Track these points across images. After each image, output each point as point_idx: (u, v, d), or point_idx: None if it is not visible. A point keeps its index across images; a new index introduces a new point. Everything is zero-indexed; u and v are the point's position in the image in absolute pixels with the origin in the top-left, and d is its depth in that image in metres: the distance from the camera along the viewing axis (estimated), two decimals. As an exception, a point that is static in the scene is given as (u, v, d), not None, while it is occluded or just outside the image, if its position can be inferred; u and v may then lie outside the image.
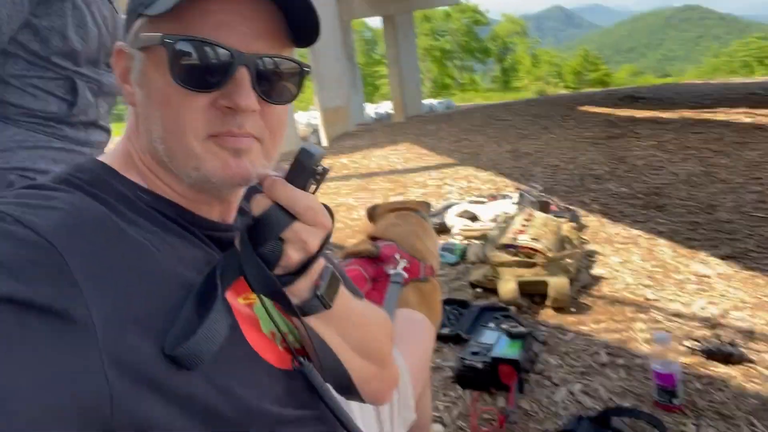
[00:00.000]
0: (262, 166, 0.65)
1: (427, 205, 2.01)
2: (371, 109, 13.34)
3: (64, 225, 0.51)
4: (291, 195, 0.60)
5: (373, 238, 1.67)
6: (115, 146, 0.70)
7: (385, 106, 13.45)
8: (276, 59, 0.64)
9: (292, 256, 0.62)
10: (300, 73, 0.68)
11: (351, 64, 10.34)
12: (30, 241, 0.48)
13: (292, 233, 0.61)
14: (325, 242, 0.64)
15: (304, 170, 0.62)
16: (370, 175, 5.19)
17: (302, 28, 0.65)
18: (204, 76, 0.60)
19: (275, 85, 0.64)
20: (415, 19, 11.40)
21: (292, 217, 0.60)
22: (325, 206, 0.64)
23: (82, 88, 1.48)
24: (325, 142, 7.67)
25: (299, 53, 0.72)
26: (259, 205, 0.61)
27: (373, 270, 1.51)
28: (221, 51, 0.59)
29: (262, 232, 0.60)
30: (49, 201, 0.54)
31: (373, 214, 1.91)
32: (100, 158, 0.67)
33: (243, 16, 0.61)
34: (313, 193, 0.63)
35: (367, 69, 36.79)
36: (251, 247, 0.61)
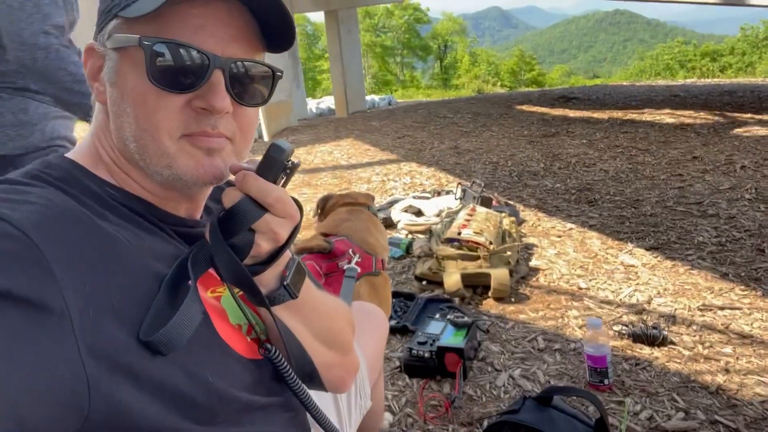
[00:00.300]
0: (226, 161, 0.67)
1: (372, 197, 2.06)
2: (313, 104, 13.24)
3: (40, 218, 0.52)
4: (262, 187, 0.62)
5: (325, 234, 1.70)
6: (81, 143, 0.70)
7: (327, 102, 13.39)
8: (250, 63, 0.67)
9: (262, 246, 0.64)
10: (272, 77, 0.70)
11: (293, 58, 10.23)
12: (7, 234, 0.49)
13: (263, 224, 0.63)
14: (294, 233, 0.67)
15: (275, 164, 0.64)
16: (314, 170, 5.19)
17: (277, 34, 0.68)
18: (180, 77, 0.62)
19: (248, 88, 0.67)
20: (357, 15, 11.39)
21: (263, 208, 0.63)
22: (294, 199, 0.67)
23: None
24: (266, 137, 7.57)
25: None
26: (231, 198, 0.63)
27: (326, 265, 1.54)
28: (198, 54, 0.61)
29: (234, 222, 0.62)
30: (23, 195, 0.55)
31: (323, 206, 1.94)
32: (68, 155, 0.67)
33: (220, 20, 0.63)
34: (283, 186, 0.66)
35: (308, 64, 36.45)
36: (222, 237, 0.63)
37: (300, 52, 13.63)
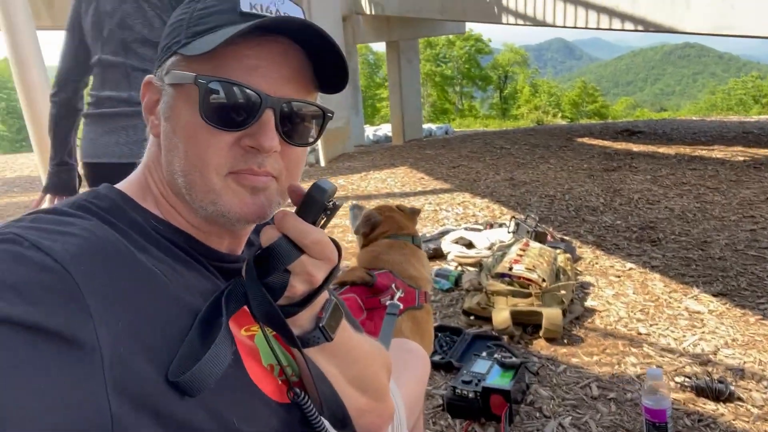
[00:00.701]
0: (277, 204, 0.67)
1: (417, 211, 2.03)
2: (370, 131, 13.42)
3: (79, 252, 0.52)
4: (300, 228, 0.61)
5: (368, 268, 1.68)
6: (132, 174, 0.72)
7: (385, 129, 13.54)
8: (301, 103, 0.67)
9: (297, 287, 0.63)
10: (322, 117, 0.70)
11: (353, 87, 10.44)
12: (46, 267, 0.49)
13: (298, 266, 0.62)
14: (331, 276, 0.66)
15: (315, 204, 0.63)
16: (367, 197, 5.22)
17: (330, 76, 0.68)
18: (231, 115, 0.62)
19: (297, 128, 0.67)
20: (419, 45, 11.56)
21: (300, 249, 0.61)
22: (333, 241, 0.66)
23: None
24: (323, 163, 7.70)
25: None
26: (268, 236, 0.62)
27: (369, 300, 1.51)
28: (251, 93, 0.62)
29: (269, 262, 0.61)
30: (66, 227, 0.55)
31: (370, 231, 1.91)
32: (118, 186, 0.69)
33: (274, 61, 0.64)
34: (323, 227, 0.65)
35: (368, 92, 37.15)
36: (257, 276, 0.62)
37: (361, 81, 13.93)
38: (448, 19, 8.89)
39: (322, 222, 0.64)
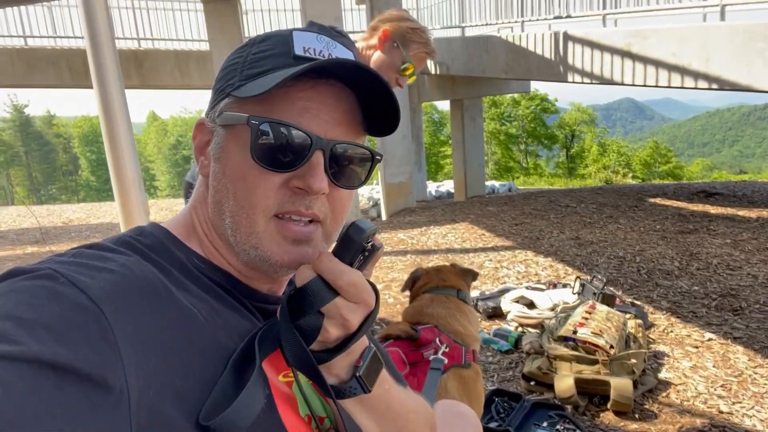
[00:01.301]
0: (322, 248, 0.66)
1: (470, 275, 1.93)
2: (433, 187, 13.50)
3: (114, 289, 0.51)
4: (334, 269, 0.59)
5: (411, 322, 1.62)
6: (179, 214, 0.73)
7: (447, 185, 13.58)
8: (351, 146, 0.67)
9: (331, 332, 0.60)
10: (371, 160, 0.70)
11: (417, 143, 10.61)
12: (79, 305, 0.48)
13: (332, 308, 0.59)
14: (367, 321, 0.62)
15: (353, 245, 0.61)
16: (427, 252, 5.16)
17: (383, 119, 0.68)
18: (281, 156, 0.62)
19: (345, 170, 0.67)
20: (483, 104, 11.68)
21: (335, 291, 0.59)
22: (371, 284, 0.63)
23: None
24: (384, 216, 7.75)
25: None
26: (303, 276, 0.60)
27: (411, 354, 1.44)
28: (301, 135, 0.62)
29: (302, 303, 0.59)
30: (104, 262, 0.55)
31: (412, 285, 1.85)
32: (164, 224, 0.69)
33: (325, 103, 0.64)
34: (360, 269, 0.62)
35: (432, 149, 37.64)
36: (290, 317, 0.59)
37: (425, 138, 14.13)
38: (513, 78, 8.95)
39: (359, 264, 0.62)
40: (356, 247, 0.61)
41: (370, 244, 0.62)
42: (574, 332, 2.41)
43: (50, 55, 9.75)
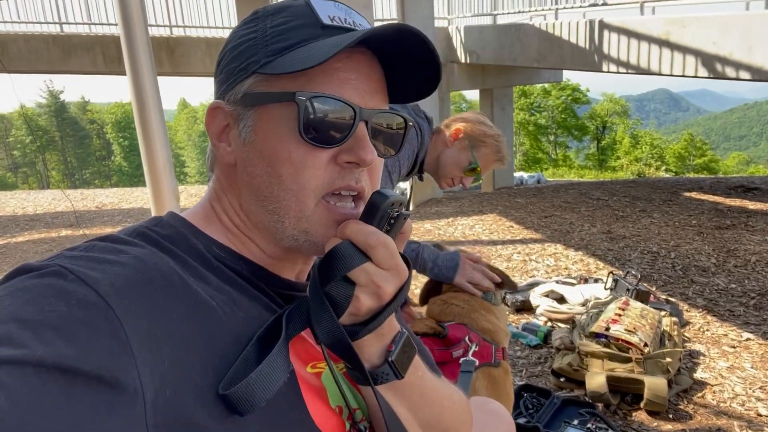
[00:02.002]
0: None
1: (503, 281, 1.83)
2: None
3: (126, 283, 0.49)
4: (362, 229, 0.57)
5: (437, 319, 1.58)
6: (196, 206, 0.70)
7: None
8: (389, 114, 0.65)
9: (362, 301, 0.57)
10: (405, 127, 0.68)
11: (445, 132, 10.50)
12: (87, 302, 0.46)
13: (364, 274, 0.56)
14: (401, 292, 0.59)
15: (377, 211, 0.59)
16: (453, 243, 5.11)
17: (409, 87, 0.67)
18: (330, 132, 0.60)
19: (383, 139, 0.66)
20: (513, 93, 11.49)
21: (365, 256, 0.57)
22: (403, 256, 0.60)
23: None
24: (411, 207, 7.72)
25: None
26: (332, 243, 0.58)
27: (439, 353, 1.41)
28: (347, 107, 0.60)
29: (331, 267, 0.56)
30: (117, 255, 0.52)
31: (429, 292, 1.80)
32: (182, 214, 0.67)
33: (363, 73, 0.62)
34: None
35: (460, 139, 37.29)
36: (320, 285, 0.57)
37: (452, 127, 13.94)
38: (545, 67, 8.77)
39: (386, 231, 0.59)
40: (381, 214, 0.59)
41: (396, 213, 0.60)
42: (607, 329, 2.35)
43: (85, 41, 9.92)
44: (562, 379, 2.37)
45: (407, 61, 0.64)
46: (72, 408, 0.40)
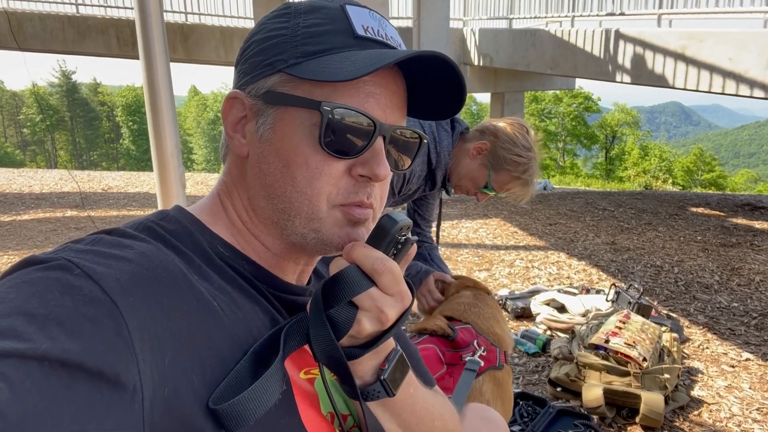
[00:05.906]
0: (368, 232, 0.64)
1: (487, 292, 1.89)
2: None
3: (130, 280, 0.49)
4: (370, 254, 0.57)
5: (449, 318, 1.58)
6: (206, 198, 0.69)
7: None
8: (406, 131, 0.66)
9: (364, 325, 0.57)
10: (419, 144, 0.68)
11: (454, 134, 10.48)
12: (92, 298, 0.46)
13: (368, 300, 0.56)
14: (402, 317, 0.59)
15: (385, 236, 0.59)
16: (457, 246, 5.10)
17: (432, 105, 0.68)
18: (348, 143, 0.60)
19: (396, 154, 0.66)
20: (524, 99, 11.45)
21: (371, 281, 0.56)
22: (407, 282, 0.60)
23: None
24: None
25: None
26: (338, 266, 0.58)
27: (450, 355, 1.41)
28: (369, 121, 0.60)
29: (336, 290, 0.56)
30: (123, 250, 0.52)
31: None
32: (189, 209, 0.66)
33: (388, 89, 0.62)
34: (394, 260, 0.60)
35: (468, 141, 37.25)
36: (323, 307, 0.57)
37: (462, 129, 13.90)
38: (559, 74, 8.74)
39: (392, 256, 0.60)
40: (389, 239, 0.59)
41: (403, 237, 0.60)
42: (606, 341, 2.34)
43: (100, 23, 9.94)
44: (558, 389, 2.37)
45: (430, 80, 0.64)
46: (73, 402, 0.40)
